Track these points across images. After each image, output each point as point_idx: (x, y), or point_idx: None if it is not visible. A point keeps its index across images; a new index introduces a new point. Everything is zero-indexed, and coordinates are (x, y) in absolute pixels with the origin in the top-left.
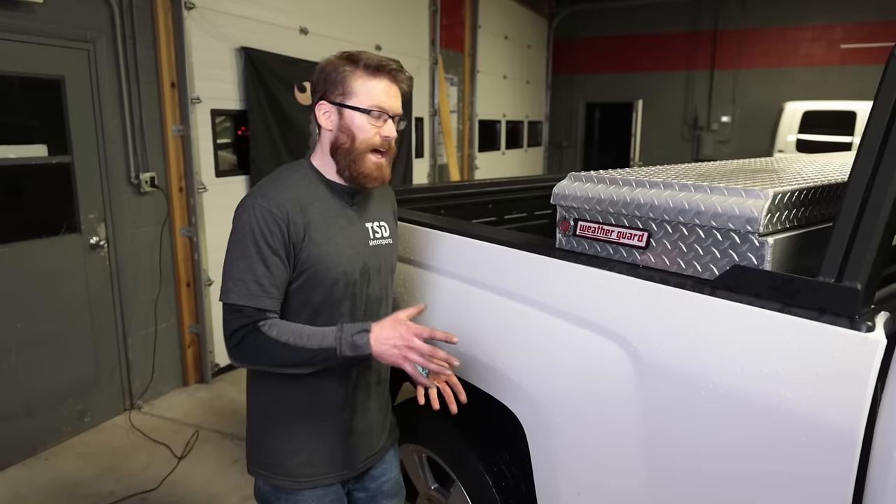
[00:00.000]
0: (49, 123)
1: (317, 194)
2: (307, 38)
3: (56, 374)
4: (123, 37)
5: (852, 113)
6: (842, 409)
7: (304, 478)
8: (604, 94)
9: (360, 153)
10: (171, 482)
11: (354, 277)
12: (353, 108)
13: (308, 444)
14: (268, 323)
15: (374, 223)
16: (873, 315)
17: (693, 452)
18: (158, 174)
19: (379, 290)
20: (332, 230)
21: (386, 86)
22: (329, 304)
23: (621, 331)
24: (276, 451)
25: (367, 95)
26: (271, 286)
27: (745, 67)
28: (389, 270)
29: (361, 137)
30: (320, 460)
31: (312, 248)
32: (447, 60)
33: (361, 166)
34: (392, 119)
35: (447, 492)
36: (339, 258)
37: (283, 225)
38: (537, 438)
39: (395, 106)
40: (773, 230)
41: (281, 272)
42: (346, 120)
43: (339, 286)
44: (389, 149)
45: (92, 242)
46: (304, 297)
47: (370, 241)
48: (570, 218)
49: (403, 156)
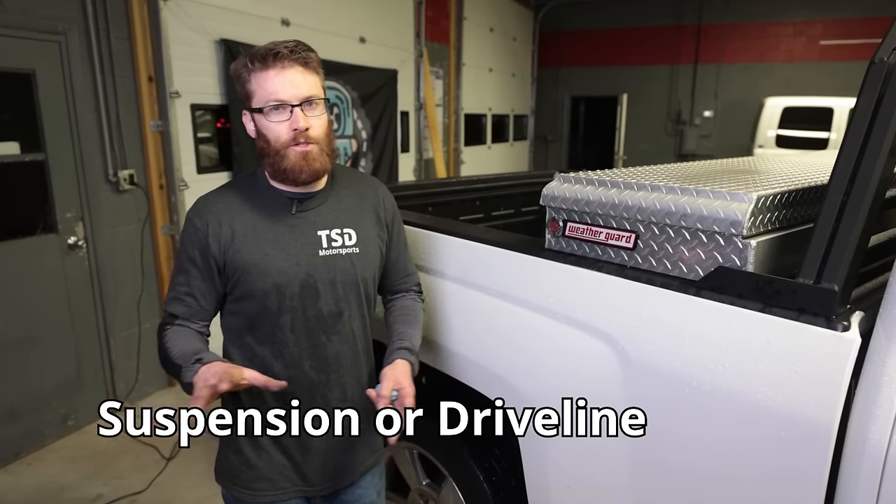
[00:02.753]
0: (21, 120)
1: (253, 203)
2: (289, 31)
3: (37, 378)
4: (97, 28)
5: (830, 109)
6: (818, 405)
7: (258, 491)
8: (589, 87)
9: (280, 151)
10: (160, 484)
11: (293, 291)
12: (253, 110)
13: (262, 458)
14: (173, 327)
15: (333, 231)
16: (849, 315)
17: (677, 448)
18: (137, 171)
19: (333, 304)
20: (262, 240)
21: (276, 74)
22: (264, 317)
23: (609, 330)
24: (235, 462)
25: (262, 92)
26: (185, 294)
27: (727, 62)
28: (351, 282)
29: (273, 137)
30: (275, 476)
31: (238, 258)
32: (432, 53)
33: (285, 162)
34: (299, 107)
35: (438, 487)
36: (269, 270)
37: (203, 237)
38: (527, 435)
39: (295, 93)
40: (756, 232)
41: (199, 283)
42: (258, 124)
43: (272, 299)
44: (312, 138)
45: (70, 242)
46: (239, 308)
47: (321, 251)
48: (560, 219)
49: (389, 151)
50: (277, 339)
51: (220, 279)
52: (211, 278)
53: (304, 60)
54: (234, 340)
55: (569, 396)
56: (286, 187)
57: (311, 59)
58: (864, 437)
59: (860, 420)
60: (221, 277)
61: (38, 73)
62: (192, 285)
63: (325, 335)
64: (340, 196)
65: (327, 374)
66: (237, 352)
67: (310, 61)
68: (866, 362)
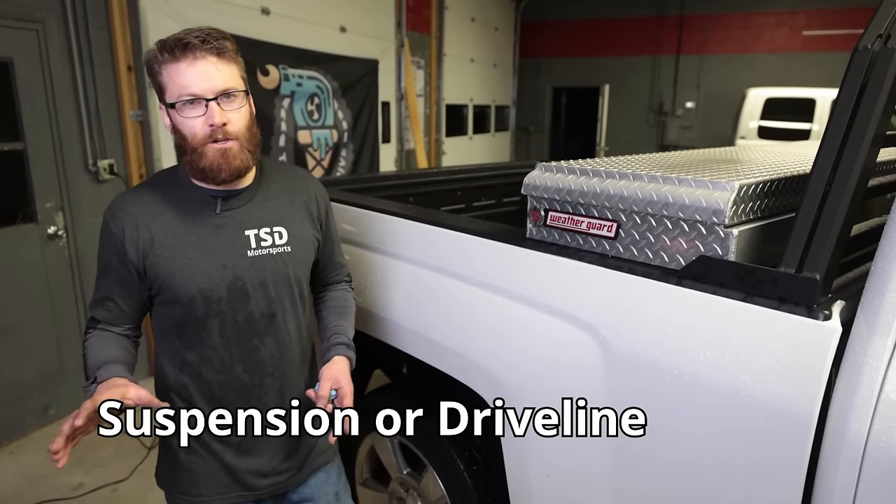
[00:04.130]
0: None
1: (173, 203)
2: (269, 19)
3: (18, 368)
4: (74, 16)
5: (812, 100)
6: (798, 394)
7: (196, 496)
8: (571, 78)
9: (197, 148)
10: (142, 472)
11: (219, 294)
12: (167, 105)
13: (196, 463)
14: (95, 333)
15: (262, 230)
16: (830, 304)
17: (657, 438)
18: (118, 161)
19: (265, 306)
20: (184, 243)
21: (188, 66)
22: (192, 322)
23: (590, 319)
24: (172, 465)
25: (173, 86)
26: (105, 299)
27: (709, 53)
28: (284, 282)
29: (188, 134)
30: (210, 480)
31: (159, 264)
32: (413, 43)
33: (203, 160)
34: (215, 101)
35: (419, 476)
36: (192, 274)
37: (120, 243)
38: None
39: (209, 86)
40: (738, 221)
41: (118, 288)
42: (173, 119)
43: (198, 304)
44: (230, 134)
45: (50, 232)
46: (164, 311)
47: (249, 252)
48: (541, 208)
49: (370, 142)
50: (206, 345)
51: (143, 283)
52: (131, 284)
53: (218, 50)
54: (164, 343)
55: (549, 386)
56: (209, 185)
57: (226, 47)
58: (843, 426)
59: (840, 409)
60: (143, 282)
61: (17, 62)
62: (111, 290)
63: (258, 338)
64: (269, 192)
65: (261, 377)
66: (167, 356)
67: (224, 50)
68: (847, 351)
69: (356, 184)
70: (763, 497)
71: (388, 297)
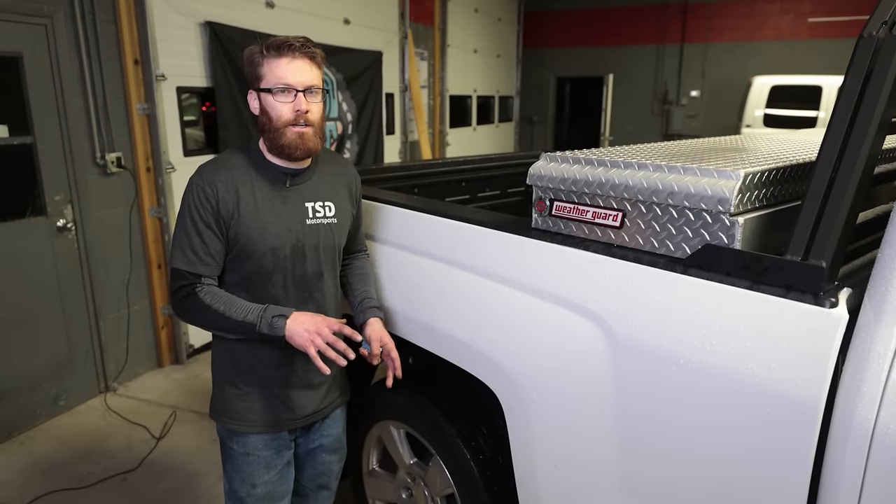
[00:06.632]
0: (9, 103)
1: (251, 175)
2: (273, 12)
3: (28, 359)
4: (82, 11)
5: (818, 88)
6: (805, 381)
7: (249, 423)
8: (574, 68)
9: (280, 129)
10: (151, 462)
11: (284, 253)
12: (263, 89)
13: (251, 394)
14: (204, 289)
15: (316, 203)
16: (837, 291)
17: (663, 425)
18: (125, 154)
19: (316, 265)
20: (261, 209)
21: (288, 62)
22: (260, 276)
23: (596, 309)
24: (228, 398)
25: (272, 76)
26: (205, 255)
27: (714, 41)
28: (330, 248)
29: (276, 115)
30: (262, 409)
31: (241, 224)
32: (417, 34)
33: (283, 139)
34: (302, 93)
35: (426, 465)
36: (266, 234)
37: (214, 202)
38: (514, 414)
39: (302, 80)
40: (744, 209)
41: (215, 243)
42: (264, 102)
43: (268, 260)
44: (309, 121)
45: (59, 225)
46: (238, 266)
47: (308, 220)
48: (546, 198)
49: (374, 133)
50: (269, 295)
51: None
52: (221, 239)
53: (311, 55)
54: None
55: (555, 375)
56: (281, 162)
57: (317, 55)
58: (851, 413)
59: (847, 396)
60: (225, 238)
61: (26, 57)
62: (211, 246)
63: (308, 291)
64: (323, 173)
65: None
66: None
67: (315, 56)
68: (854, 339)
69: (361, 175)
70: (771, 484)
71: (393, 287)
